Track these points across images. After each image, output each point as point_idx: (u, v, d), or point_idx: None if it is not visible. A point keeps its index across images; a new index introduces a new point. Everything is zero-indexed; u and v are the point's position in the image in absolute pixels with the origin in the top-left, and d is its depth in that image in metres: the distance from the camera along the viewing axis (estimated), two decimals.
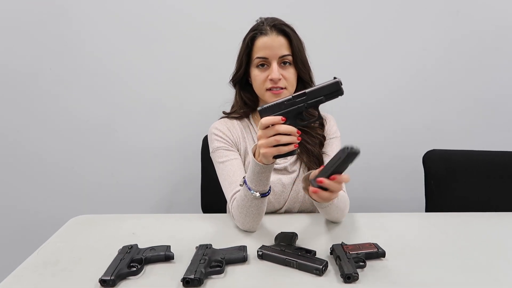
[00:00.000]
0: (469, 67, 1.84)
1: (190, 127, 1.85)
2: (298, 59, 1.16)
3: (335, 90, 0.87)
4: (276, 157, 0.91)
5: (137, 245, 0.95)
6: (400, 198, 1.98)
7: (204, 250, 0.91)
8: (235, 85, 1.28)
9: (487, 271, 0.87)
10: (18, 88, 1.81)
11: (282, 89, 1.15)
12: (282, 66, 1.15)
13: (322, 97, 0.88)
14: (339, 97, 0.88)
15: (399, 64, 1.84)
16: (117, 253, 0.92)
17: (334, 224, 1.13)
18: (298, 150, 0.90)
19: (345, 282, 0.81)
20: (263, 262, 0.91)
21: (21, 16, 1.73)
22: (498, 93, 1.87)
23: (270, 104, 0.89)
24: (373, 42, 1.81)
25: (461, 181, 1.47)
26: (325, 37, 1.78)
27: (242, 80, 1.24)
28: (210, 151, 1.25)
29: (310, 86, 1.20)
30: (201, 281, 0.80)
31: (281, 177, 1.23)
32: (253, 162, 0.96)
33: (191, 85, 1.83)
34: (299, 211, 1.26)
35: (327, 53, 1.77)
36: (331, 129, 1.29)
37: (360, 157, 0.99)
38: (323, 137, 1.26)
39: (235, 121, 1.29)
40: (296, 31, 1.18)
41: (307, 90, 0.88)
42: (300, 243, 0.99)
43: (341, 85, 0.87)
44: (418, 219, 1.20)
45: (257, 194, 0.99)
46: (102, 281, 0.81)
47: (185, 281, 0.80)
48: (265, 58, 1.14)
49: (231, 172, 1.15)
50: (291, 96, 0.88)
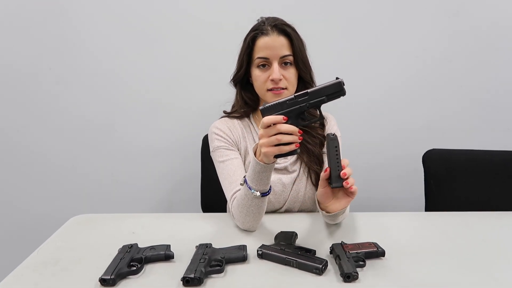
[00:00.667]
0: (469, 66, 1.84)
1: (190, 126, 1.85)
2: (299, 59, 1.16)
3: (338, 90, 0.87)
4: (277, 156, 0.91)
5: (137, 244, 0.95)
6: (399, 197, 1.98)
7: (204, 249, 0.91)
8: (235, 85, 1.27)
9: (486, 270, 0.87)
10: (17, 87, 1.81)
11: (282, 89, 1.14)
12: (283, 66, 1.14)
13: (324, 97, 0.87)
14: (341, 98, 0.88)
15: (399, 63, 1.84)
16: (117, 252, 0.92)
17: (334, 223, 1.13)
18: (299, 149, 0.90)
19: (345, 281, 0.81)
20: (263, 261, 0.91)
21: (21, 15, 1.73)
22: (497, 92, 1.87)
23: (272, 103, 0.89)
24: (372, 41, 1.81)
25: (460, 181, 1.47)
26: (325, 37, 1.78)
27: (243, 80, 1.24)
28: (210, 150, 1.25)
29: (311, 86, 1.20)
30: (201, 280, 0.80)
31: (281, 176, 1.23)
32: (254, 161, 0.96)
33: (191, 84, 1.83)
34: (299, 211, 1.26)
35: (326, 52, 1.77)
36: (332, 128, 1.29)
37: (360, 157, 0.99)
38: (324, 137, 1.26)
39: (235, 121, 1.29)
40: (297, 31, 1.17)
41: (309, 90, 0.88)
42: (300, 242, 0.99)
43: (344, 85, 0.86)
44: (417, 218, 1.20)
45: (258, 193, 0.99)
46: (102, 280, 0.81)
47: (185, 280, 0.80)
48: (266, 58, 1.14)
49: (231, 171, 1.15)
50: (293, 95, 0.88)
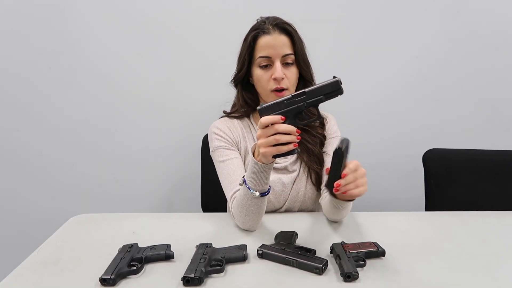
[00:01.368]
0: (469, 67, 1.84)
1: (190, 126, 1.85)
2: (300, 58, 1.16)
3: (335, 89, 0.86)
4: (275, 156, 0.91)
5: (137, 244, 0.95)
6: (400, 197, 1.98)
7: (204, 249, 0.91)
8: (236, 85, 1.27)
9: (487, 270, 0.88)
10: (17, 88, 1.81)
11: (284, 90, 1.14)
12: (284, 66, 1.14)
13: (321, 96, 0.87)
14: (340, 96, 0.88)
15: (399, 64, 1.84)
16: (117, 252, 0.92)
17: (334, 223, 1.13)
18: (298, 149, 0.90)
19: (345, 281, 0.81)
20: (263, 261, 0.91)
21: (20, 16, 1.73)
22: (498, 92, 1.87)
23: (269, 103, 0.89)
24: (373, 42, 1.81)
25: (461, 180, 1.47)
26: (326, 38, 1.78)
27: (243, 80, 1.24)
28: (210, 150, 1.25)
29: (311, 84, 1.19)
30: (201, 280, 0.80)
31: (281, 176, 1.23)
32: (252, 161, 0.96)
33: (190, 85, 1.83)
34: (299, 210, 1.26)
35: (328, 53, 1.78)
36: (332, 128, 1.29)
37: (360, 157, 0.99)
38: (324, 137, 1.26)
39: (235, 121, 1.29)
40: (296, 30, 1.17)
41: (306, 89, 0.88)
42: (300, 242, 0.99)
43: (341, 84, 0.86)
44: (418, 218, 1.20)
45: (257, 193, 0.99)
46: (102, 280, 0.81)
47: (185, 280, 0.80)
48: (268, 57, 1.13)
49: (231, 171, 1.15)
50: (290, 95, 0.88)
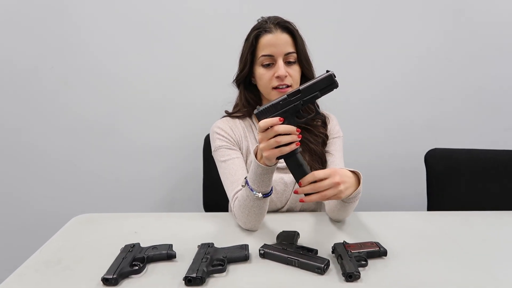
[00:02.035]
0: (471, 66, 1.84)
1: (192, 125, 1.85)
2: (302, 56, 1.17)
3: (330, 83, 0.85)
4: (279, 158, 0.91)
5: (139, 243, 0.95)
6: (402, 197, 1.98)
7: (206, 248, 0.91)
8: (238, 85, 1.27)
9: (488, 270, 0.87)
10: (20, 87, 1.81)
11: (288, 86, 1.14)
12: (286, 64, 1.14)
13: (317, 92, 0.86)
14: (341, 96, 0.87)
15: (402, 62, 1.84)
16: (119, 251, 0.92)
17: (335, 223, 1.13)
18: (300, 148, 0.90)
19: (347, 281, 0.81)
20: (265, 261, 0.91)
21: (21, 16, 1.73)
22: (500, 91, 1.87)
23: (265, 106, 0.88)
24: (375, 41, 1.81)
25: (463, 180, 1.47)
26: (328, 36, 1.78)
27: (245, 79, 1.24)
28: (212, 150, 1.25)
29: None
30: (203, 280, 0.80)
31: (283, 176, 1.23)
32: (255, 163, 0.96)
33: (193, 84, 1.83)
34: (301, 210, 1.26)
35: (330, 52, 1.78)
36: (334, 128, 1.29)
37: (362, 156, 0.99)
38: (326, 136, 1.26)
39: (237, 120, 1.29)
40: (297, 29, 1.17)
41: (301, 87, 0.87)
42: (301, 242, 0.99)
43: (335, 77, 0.85)
44: (419, 218, 1.20)
45: (260, 194, 0.99)
46: (104, 280, 0.81)
47: (187, 279, 0.80)
48: (270, 55, 1.13)
49: (233, 171, 1.16)
50: (285, 95, 0.87)
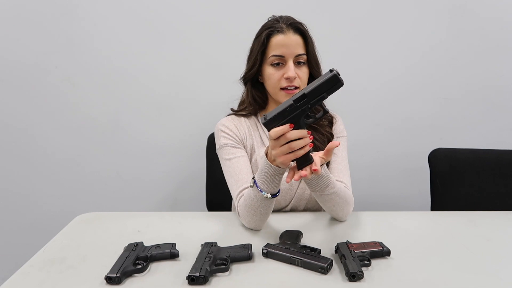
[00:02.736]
0: (475, 65, 1.83)
1: (195, 124, 1.85)
2: (312, 58, 1.16)
3: (335, 83, 0.83)
4: (294, 161, 0.90)
5: (142, 242, 0.95)
6: (405, 196, 1.97)
7: (209, 248, 0.91)
8: (246, 83, 1.26)
9: (492, 270, 0.87)
10: (24, 86, 1.82)
11: (296, 88, 1.14)
12: (296, 65, 1.14)
13: (323, 94, 0.84)
14: (346, 96, 0.86)
15: (406, 62, 1.83)
16: (123, 250, 0.92)
17: (339, 222, 1.13)
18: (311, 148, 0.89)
19: (350, 280, 0.81)
20: (268, 260, 0.91)
21: (30, 11, 1.74)
22: (504, 92, 1.86)
23: (273, 114, 0.86)
24: (379, 39, 1.81)
25: (466, 180, 1.47)
26: (332, 34, 1.78)
27: (253, 77, 1.23)
28: (216, 148, 1.24)
29: None
30: (206, 279, 0.81)
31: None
32: (266, 164, 0.95)
33: (197, 83, 1.83)
34: (305, 209, 1.26)
35: (333, 51, 1.78)
36: (338, 128, 1.30)
37: (366, 156, 0.99)
38: (331, 135, 1.26)
39: (242, 118, 1.28)
40: (308, 30, 1.17)
41: (306, 90, 0.84)
42: (305, 241, 0.99)
43: (339, 75, 0.82)
44: (423, 217, 1.19)
45: (269, 195, 0.99)
46: (107, 279, 0.81)
47: (190, 278, 0.80)
48: (281, 56, 1.13)
49: (237, 169, 1.15)
50: (292, 101, 0.84)
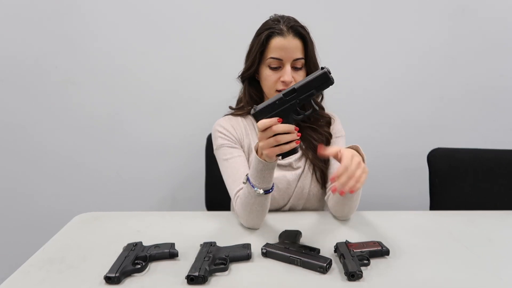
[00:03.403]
0: (475, 66, 1.83)
1: (195, 124, 1.85)
2: (310, 62, 1.17)
3: (325, 80, 0.83)
4: (280, 155, 0.91)
5: (141, 242, 0.95)
6: (404, 196, 1.98)
7: (208, 247, 0.91)
8: (243, 81, 1.27)
9: (491, 269, 0.87)
10: (25, 85, 1.82)
11: None
12: (293, 69, 1.14)
13: (313, 90, 0.85)
14: (345, 95, 0.87)
15: (404, 62, 1.83)
16: (122, 250, 0.92)
17: (338, 222, 1.13)
18: (303, 145, 0.89)
19: (349, 280, 0.81)
20: (267, 260, 0.91)
21: (31, 8, 1.73)
22: (505, 91, 1.86)
23: (262, 106, 0.88)
24: (378, 39, 1.81)
25: (465, 180, 1.47)
26: (331, 34, 1.78)
27: (251, 76, 1.24)
28: (214, 149, 1.25)
29: None
30: (205, 279, 0.81)
31: (286, 173, 1.23)
32: (256, 159, 0.96)
33: (196, 83, 1.83)
34: (304, 208, 1.26)
35: (333, 50, 1.78)
36: (337, 127, 1.30)
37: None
38: (330, 135, 1.26)
39: (239, 118, 1.29)
40: (309, 32, 1.17)
41: (296, 85, 0.85)
42: (304, 241, 0.99)
43: (330, 74, 0.83)
44: (422, 217, 1.19)
45: (261, 191, 1.00)
46: (107, 278, 0.81)
47: (189, 278, 0.80)
48: (279, 59, 1.13)
49: (234, 169, 1.16)
50: (281, 95, 0.86)
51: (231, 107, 1.33)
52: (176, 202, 1.99)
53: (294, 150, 0.89)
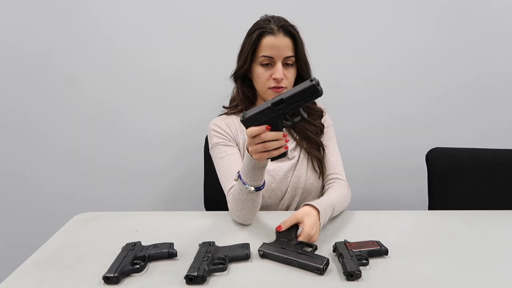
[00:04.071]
0: (475, 63, 1.84)
1: (193, 124, 1.85)
2: (301, 60, 1.20)
3: (313, 92, 0.83)
4: (269, 159, 0.93)
5: (140, 242, 0.95)
6: (403, 195, 1.98)
7: (207, 247, 0.91)
8: (236, 80, 1.30)
9: (490, 269, 0.87)
10: (23, 85, 1.81)
11: (283, 88, 1.18)
12: (284, 66, 1.18)
13: (301, 102, 0.85)
14: (344, 96, 0.87)
15: (402, 62, 1.84)
16: (121, 250, 0.92)
17: (336, 222, 1.13)
18: (294, 136, 0.90)
19: (348, 279, 0.81)
20: (265, 259, 0.91)
21: (30, 6, 1.73)
22: (503, 90, 1.86)
23: (251, 113, 0.88)
24: (376, 39, 1.81)
25: (464, 179, 1.47)
26: (329, 33, 1.78)
27: (243, 75, 1.27)
28: (209, 147, 1.28)
29: None
30: (204, 278, 0.81)
31: (282, 164, 1.25)
32: (247, 158, 0.98)
33: (195, 81, 1.83)
34: (302, 199, 1.27)
35: (330, 49, 1.78)
36: (327, 119, 1.36)
37: (363, 155, 0.99)
38: (322, 125, 1.31)
39: (233, 116, 1.32)
40: (299, 31, 1.20)
41: (284, 96, 0.85)
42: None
43: (319, 86, 0.83)
44: (421, 217, 1.20)
45: (252, 188, 1.01)
46: (105, 278, 0.81)
47: (188, 278, 0.80)
48: (270, 57, 1.16)
49: (228, 167, 1.19)
50: (270, 104, 0.86)
51: (225, 106, 1.35)
52: (174, 201, 1.99)
53: (283, 153, 0.92)
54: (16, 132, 1.87)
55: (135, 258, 0.88)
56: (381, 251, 0.91)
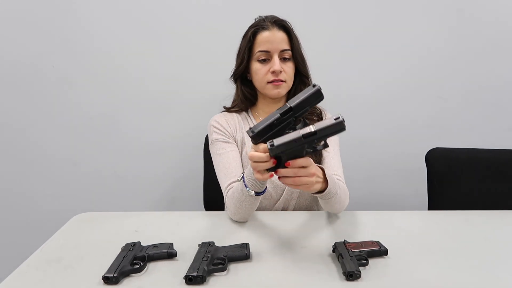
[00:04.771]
0: (474, 64, 1.84)
1: (192, 124, 1.85)
2: (297, 54, 1.21)
3: (318, 97, 0.87)
4: None
5: (140, 242, 0.95)
6: (403, 196, 1.98)
7: (206, 247, 0.91)
8: (235, 80, 1.31)
9: (490, 269, 0.87)
10: (21, 85, 1.81)
11: (282, 81, 1.19)
12: (282, 61, 1.19)
13: (307, 107, 0.88)
14: (343, 95, 0.88)
15: (402, 62, 1.84)
16: (120, 250, 0.92)
17: (336, 221, 1.13)
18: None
19: (347, 280, 0.81)
20: (265, 259, 0.91)
21: (28, 9, 1.73)
22: (502, 91, 1.86)
23: (260, 127, 0.87)
24: (376, 39, 1.81)
25: (464, 179, 1.47)
26: (331, 34, 1.78)
27: (242, 75, 1.28)
28: (209, 143, 1.29)
29: (307, 79, 1.26)
30: (203, 279, 0.81)
31: None
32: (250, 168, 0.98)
33: (194, 82, 1.83)
34: (298, 203, 1.27)
35: (331, 51, 1.78)
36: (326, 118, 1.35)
37: (363, 155, 0.99)
38: None
39: (234, 114, 1.33)
40: (293, 28, 1.21)
41: (292, 104, 0.87)
42: (302, 241, 0.99)
43: (321, 90, 0.87)
44: (420, 217, 1.20)
45: (252, 192, 1.02)
46: (105, 278, 0.81)
47: (187, 278, 0.80)
48: (267, 51, 1.18)
49: (227, 164, 1.19)
50: (278, 114, 0.87)
51: (225, 107, 1.36)
52: (174, 201, 1.99)
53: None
54: (16, 132, 1.87)
55: (135, 258, 0.88)
56: (380, 251, 0.91)
